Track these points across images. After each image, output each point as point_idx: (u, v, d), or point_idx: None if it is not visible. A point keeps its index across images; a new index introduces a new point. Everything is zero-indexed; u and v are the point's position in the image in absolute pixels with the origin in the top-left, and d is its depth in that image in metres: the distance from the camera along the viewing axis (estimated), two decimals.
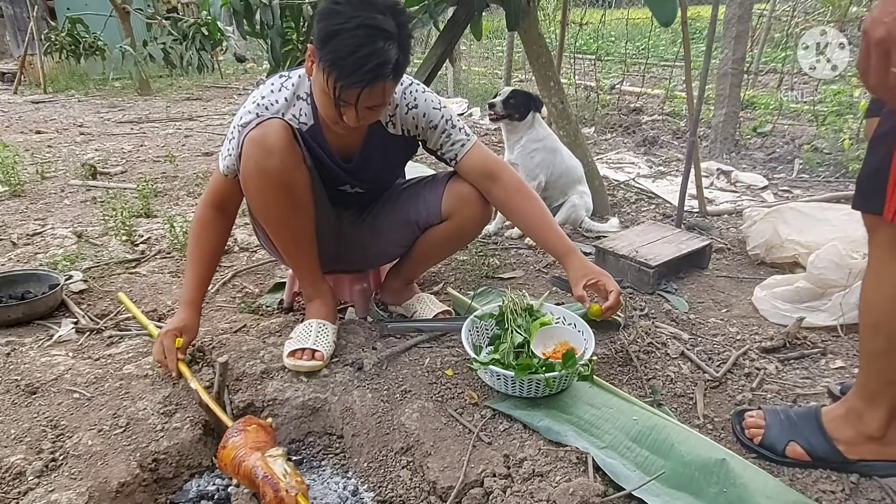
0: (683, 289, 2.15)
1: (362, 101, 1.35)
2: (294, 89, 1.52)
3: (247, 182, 1.48)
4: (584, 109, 5.44)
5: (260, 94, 1.52)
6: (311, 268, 1.69)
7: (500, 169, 1.63)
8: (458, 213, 1.68)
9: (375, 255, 1.88)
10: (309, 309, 1.73)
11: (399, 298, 1.94)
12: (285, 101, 1.51)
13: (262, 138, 1.42)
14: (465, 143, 1.62)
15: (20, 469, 1.23)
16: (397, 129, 1.60)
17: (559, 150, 2.65)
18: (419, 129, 1.60)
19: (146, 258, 2.42)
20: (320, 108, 1.45)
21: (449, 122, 1.60)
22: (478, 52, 9.25)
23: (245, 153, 1.44)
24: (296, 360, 1.56)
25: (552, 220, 1.65)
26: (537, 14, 2.89)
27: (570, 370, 1.42)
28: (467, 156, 1.62)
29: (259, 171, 1.44)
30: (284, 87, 1.52)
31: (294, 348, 1.58)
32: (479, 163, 1.62)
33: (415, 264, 1.88)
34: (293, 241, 1.61)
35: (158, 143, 4.76)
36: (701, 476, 1.23)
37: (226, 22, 8.38)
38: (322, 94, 1.40)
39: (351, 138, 1.58)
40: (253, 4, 2.76)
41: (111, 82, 8.76)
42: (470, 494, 1.21)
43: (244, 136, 1.44)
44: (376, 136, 1.59)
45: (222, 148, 1.56)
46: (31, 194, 3.30)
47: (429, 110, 1.58)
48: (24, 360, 1.64)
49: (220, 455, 1.26)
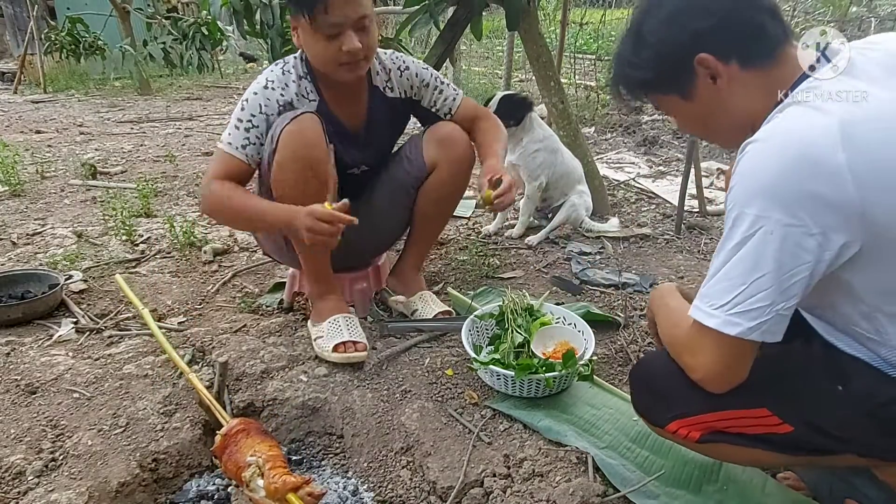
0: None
1: (339, 13, 1.43)
2: (296, 70, 1.62)
3: (285, 172, 1.51)
4: (584, 109, 5.43)
5: (266, 78, 1.59)
6: (325, 266, 1.71)
7: (485, 112, 1.89)
8: (444, 159, 1.75)
9: (379, 236, 1.92)
10: (324, 306, 1.73)
11: (408, 288, 1.94)
12: (294, 81, 1.60)
13: (300, 130, 1.49)
14: (456, 97, 1.80)
15: (20, 469, 1.23)
16: (395, 93, 1.74)
17: (560, 150, 2.65)
18: (414, 88, 1.75)
19: (146, 258, 2.42)
20: (319, 59, 1.53)
21: (438, 79, 1.77)
22: (478, 52, 9.25)
23: (284, 144, 1.49)
24: (345, 354, 1.58)
25: (498, 139, 1.78)
26: (537, 14, 2.89)
27: (570, 370, 1.42)
28: (461, 107, 1.81)
29: (299, 160, 1.50)
30: (287, 71, 1.61)
31: (336, 342, 1.59)
32: (471, 109, 1.83)
33: (419, 235, 1.92)
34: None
35: (158, 143, 4.76)
36: (701, 475, 1.23)
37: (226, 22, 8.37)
38: (316, 43, 1.49)
39: (355, 104, 1.68)
40: (253, 4, 2.76)
41: (111, 82, 8.75)
42: (470, 494, 1.21)
43: (281, 129, 1.49)
44: (378, 101, 1.71)
45: (234, 134, 1.56)
46: (31, 194, 3.30)
47: (419, 70, 1.75)
48: (24, 359, 1.64)
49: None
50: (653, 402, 1.11)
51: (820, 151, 0.81)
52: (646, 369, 1.16)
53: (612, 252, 2.47)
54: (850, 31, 6.21)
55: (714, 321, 0.89)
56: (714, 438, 1.03)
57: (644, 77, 1.03)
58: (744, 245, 0.86)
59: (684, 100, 1.00)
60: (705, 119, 1.02)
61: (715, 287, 0.89)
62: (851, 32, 6.31)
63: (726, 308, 0.87)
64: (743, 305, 0.86)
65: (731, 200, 0.88)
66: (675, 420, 1.05)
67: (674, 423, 1.05)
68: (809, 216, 0.82)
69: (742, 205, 0.86)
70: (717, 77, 0.94)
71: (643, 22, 0.99)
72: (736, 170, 0.89)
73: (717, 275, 0.90)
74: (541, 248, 2.52)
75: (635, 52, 1.01)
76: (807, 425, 0.96)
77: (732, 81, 0.94)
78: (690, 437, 1.04)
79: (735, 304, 0.87)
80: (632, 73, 1.04)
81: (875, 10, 7.07)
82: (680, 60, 0.95)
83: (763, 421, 0.98)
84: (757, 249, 0.84)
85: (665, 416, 1.07)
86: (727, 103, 0.97)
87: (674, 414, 1.06)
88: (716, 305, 0.89)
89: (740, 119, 0.97)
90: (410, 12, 2.64)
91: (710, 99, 0.97)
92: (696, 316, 0.92)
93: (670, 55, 0.97)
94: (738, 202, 0.87)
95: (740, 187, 0.87)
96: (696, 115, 1.02)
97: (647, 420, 1.13)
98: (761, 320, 0.86)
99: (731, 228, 0.88)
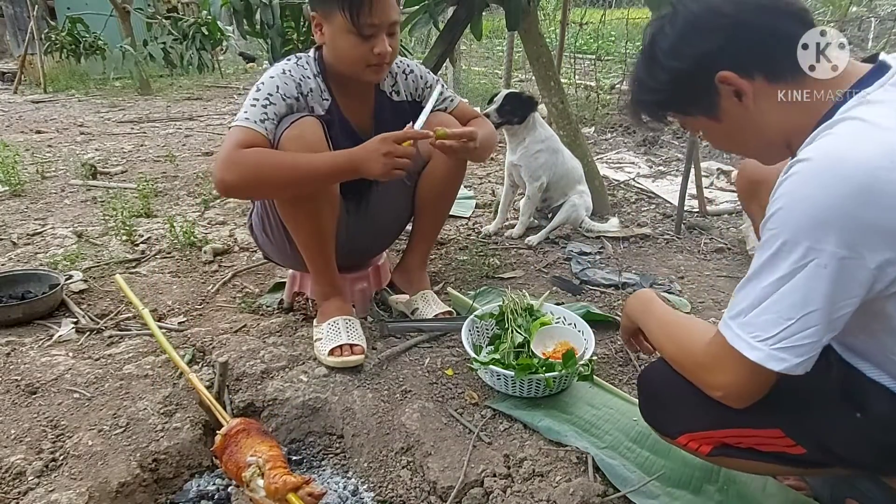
0: (684, 289, 2.15)
1: (381, 15, 1.46)
2: (310, 67, 1.62)
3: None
4: (584, 109, 5.43)
5: (282, 67, 1.57)
6: (330, 265, 1.71)
7: (480, 116, 1.92)
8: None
9: (379, 235, 1.92)
10: (327, 307, 1.73)
11: (413, 285, 1.94)
12: (309, 77, 1.59)
13: (300, 134, 1.48)
14: (454, 99, 1.84)
15: (20, 469, 1.23)
16: (402, 96, 1.77)
17: (561, 150, 2.65)
18: (418, 90, 1.79)
19: (146, 258, 2.42)
20: (346, 57, 1.53)
21: (439, 82, 1.81)
22: (478, 52, 9.25)
23: (284, 149, 1.47)
24: (340, 357, 1.58)
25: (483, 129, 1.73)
26: (537, 14, 2.89)
27: (570, 370, 1.42)
28: (457, 109, 1.83)
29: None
30: (302, 66, 1.60)
31: (332, 346, 1.59)
32: (467, 112, 1.87)
33: (423, 227, 1.92)
34: (317, 236, 1.63)
35: (158, 143, 4.76)
36: (701, 475, 1.24)
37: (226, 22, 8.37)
38: (345, 39, 1.49)
39: (363, 107, 1.70)
40: (253, 4, 2.76)
41: (111, 82, 8.75)
42: (470, 494, 1.21)
43: (281, 134, 1.48)
44: (385, 104, 1.74)
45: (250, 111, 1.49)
46: (32, 194, 3.30)
47: (423, 73, 1.80)
48: (24, 360, 1.64)
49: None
50: (661, 413, 1.10)
51: (879, 175, 0.75)
52: (652, 378, 1.13)
53: (612, 252, 2.47)
54: (850, 31, 6.21)
55: (757, 354, 0.83)
56: (725, 452, 1.02)
57: (662, 100, 0.98)
58: (793, 277, 0.80)
59: (711, 119, 0.94)
60: (736, 137, 0.97)
61: (760, 318, 0.83)
62: (851, 32, 6.31)
63: (771, 342, 0.82)
64: (790, 341, 0.81)
65: (776, 224, 0.81)
66: (685, 434, 1.04)
67: (683, 437, 1.05)
68: (867, 249, 0.76)
69: (792, 232, 0.79)
70: (742, 94, 0.88)
71: (656, 42, 0.93)
72: (781, 190, 0.82)
73: (763, 304, 0.83)
74: (541, 248, 2.52)
75: (651, 76, 0.95)
76: (820, 448, 0.94)
77: (761, 98, 0.88)
78: (701, 451, 1.03)
79: (781, 339, 0.81)
80: (650, 97, 0.98)
81: (875, 10, 7.06)
82: (699, 80, 0.90)
83: (776, 441, 0.96)
84: (808, 284, 0.79)
85: (674, 428, 1.06)
86: (758, 121, 0.90)
87: (683, 428, 1.04)
88: (760, 338, 0.83)
89: (775, 136, 0.91)
90: (410, 12, 2.64)
91: (738, 117, 0.91)
92: (737, 345, 0.85)
93: (688, 76, 0.91)
94: (787, 228, 0.80)
95: (789, 212, 0.80)
96: (725, 133, 0.97)
97: (657, 429, 1.13)
98: (809, 356, 0.82)
99: (776, 255, 0.81)
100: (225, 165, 1.42)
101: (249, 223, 1.89)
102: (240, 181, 1.43)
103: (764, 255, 0.83)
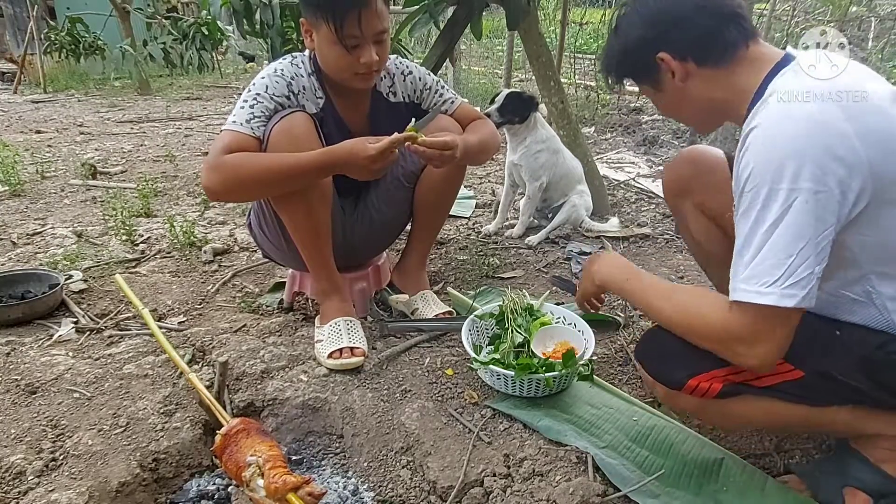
0: None
1: (365, 27, 1.44)
2: (304, 66, 1.62)
3: None
4: (584, 109, 5.44)
5: (275, 67, 1.59)
6: (328, 262, 1.71)
7: (482, 117, 1.87)
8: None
9: (378, 235, 1.92)
10: (328, 307, 1.73)
11: (412, 285, 1.94)
12: (303, 76, 1.60)
13: (289, 129, 1.49)
14: (454, 100, 1.82)
15: (20, 469, 1.23)
16: (398, 97, 1.76)
17: (561, 150, 2.65)
18: (417, 92, 1.78)
19: (146, 258, 2.42)
20: (333, 66, 1.53)
21: (438, 83, 1.80)
22: (478, 51, 9.25)
23: (273, 143, 1.48)
24: (340, 360, 1.57)
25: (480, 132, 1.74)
26: (537, 14, 2.89)
27: (570, 370, 1.42)
28: (458, 110, 1.81)
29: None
30: (296, 65, 1.61)
31: (332, 349, 1.59)
32: (469, 114, 1.84)
33: (421, 227, 1.92)
34: (313, 232, 1.63)
35: (158, 143, 4.76)
36: (701, 475, 1.24)
37: (226, 21, 8.38)
38: (331, 49, 1.49)
39: (358, 107, 1.70)
40: (253, 4, 2.76)
41: (111, 82, 8.75)
42: (470, 494, 1.21)
43: (270, 128, 1.49)
44: (381, 105, 1.73)
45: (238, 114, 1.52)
46: (31, 194, 3.30)
47: (422, 74, 1.78)
48: (24, 359, 1.64)
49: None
50: (666, 365, 1.15)
51: (827, 118, 0.91)
52: (653, 339, 1.21)
53: (612, 252, 2.47)
54: (849, 31, 6.21)
55: (769, 298, 0.91)
56: (735, 391, 1.08)
57: (617, 67, 1.18)
58: (783, 219, 0.90)
59: (655, 90, 1.16)
60: (674, 106, 1.18)
61: (762, 266, 0.92)
62: (851, 32, 6.31)
63: (780, 283, 0.90)
64: (794, 276, 0.90)
65: (755, 181, 0.93)
66: (693, 377, 1.09)
67: (693, 380, 1.09)
68: (831, 177, 0.89)
69: (772, 181, 0.91)
70: (675, 73, 1.09)
71: (620, 21, 1.15)
72: (746, 157, 0.95)
73: (761, 253, 0.92)
74: (541, 248, 2.53)
75: (611, 46, 1.18)
76: (815, 371, 1.04)
77: (690, 77, 1.09)
78: (712, 390, 1.08)
79: (787, 277, 0.90)
80: (609, 62, 1.20)
81: (875, 10, 7.06)
82: (643, 56, 1.11)
83: (777, 368, 1.04)
84: (797, 220, 0.89)
85: (681, 374, 1.11)
86: (689, 94, 1.11)
87: (690, 371, 1.09)
88: (768, 283, 0.91)
89: (705, 105, 1.12)
90: (410, 12, 2.64)
91: (674, 90, 1.12)
92: (748, 298, 0.93)
93: (636, 50, 1.12)
94: (766, 178, 0.91)
95: (762, 165, 0.92)
96: (667, 102, 1.18)
97: (663, 383, 1.16)
98: (811, 286, 0.91)
99: (762, 208, 0.92)
100: (207, 172, 1.47)
101: (248, 222, 1.89)
102: (222, 186, 1.47)
103: (752, 213, 0.94)
